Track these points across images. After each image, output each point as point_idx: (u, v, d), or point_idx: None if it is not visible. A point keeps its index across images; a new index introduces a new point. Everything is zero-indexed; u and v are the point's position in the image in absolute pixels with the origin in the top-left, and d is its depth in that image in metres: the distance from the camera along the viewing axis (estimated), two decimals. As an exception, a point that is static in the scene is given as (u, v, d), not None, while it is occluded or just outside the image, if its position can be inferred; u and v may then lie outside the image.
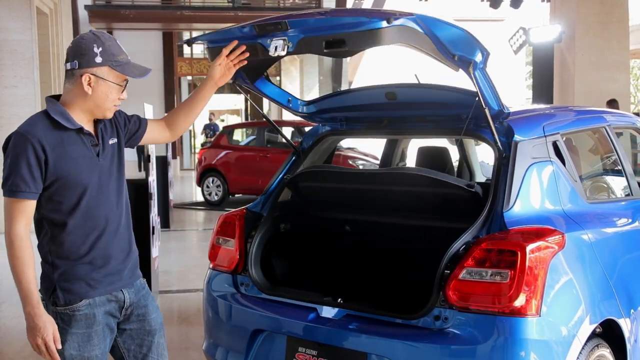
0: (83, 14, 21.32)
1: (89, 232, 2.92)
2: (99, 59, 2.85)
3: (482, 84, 3.30)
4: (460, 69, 3.27)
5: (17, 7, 12.31)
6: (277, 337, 3.68)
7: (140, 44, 28.87)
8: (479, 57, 3.18)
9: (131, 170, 23.91)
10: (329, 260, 4.33)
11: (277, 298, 3.80)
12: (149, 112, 7.34)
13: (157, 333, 3.19)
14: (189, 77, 33.05)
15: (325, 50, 3.21)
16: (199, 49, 34.71)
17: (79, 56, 2.86)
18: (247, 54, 3.27)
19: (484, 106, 3.34)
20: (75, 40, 2.93)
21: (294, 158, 4.40)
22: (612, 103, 13.36)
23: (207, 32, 3.97)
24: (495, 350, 3.01)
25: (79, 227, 2.89)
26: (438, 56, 3.21)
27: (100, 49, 2.85)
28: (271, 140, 16.28)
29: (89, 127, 2.95)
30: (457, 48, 3.14)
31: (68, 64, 2.90)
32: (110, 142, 3.02)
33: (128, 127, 3.14)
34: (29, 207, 2.80)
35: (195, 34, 32.97)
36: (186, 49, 33.14)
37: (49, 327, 2.80)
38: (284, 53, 3.29)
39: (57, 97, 3.01)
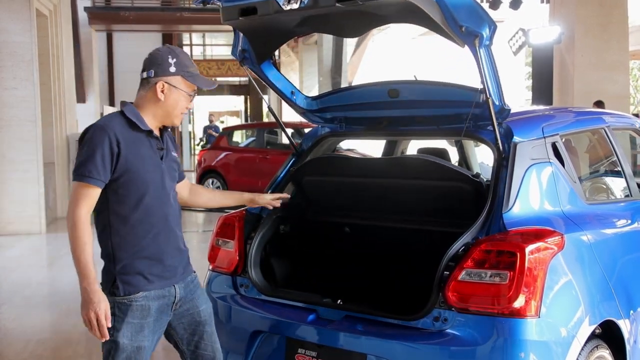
0: (83, 15, 21.30)
1: (149, 228, 3.11)
2: (172, 69, 3.14)
3: (487, 64, 3.29)
4: (465, 45, 3.27)
5: (17, 9, 12.31)
6: (276, 339, 3.68)
7: (140, 46, 28.82)
8: (486, 31, 3.18)
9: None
10: (328, 261, 4.33)
11: (277, 299, 3.80)
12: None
13: (207, 323, 3.38)
14: (189, 79, 33.01)
15: (337, 5, 3.22)
16: (198, 51, 34.76)
17: (155, 66, 3.16)
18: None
19: (487, 96, 3.32)
20: (152, 52, 3.23)
21: (293, 159, 4.40)
22: (599, 104, 13.37)
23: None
24: (494, 351, 3.02)
25: (141, 222, 3.09)
26: (445, 27, 3.21)
27: (175, 60, 3.15)
28: (271, 141, 16.28)
29: (157, 132, 3.20)
30: (465, 19, 3.15)
31: (144, 73, 3.20)
32: (173, 153, 3.30)
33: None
34: (94, 193, 3.00)
35: (194, 35, 33.04)
36: (186, 51, 33.15)
37: (102, 304, 3.00)
38: (296, 5, 3.33)
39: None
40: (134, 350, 3.10)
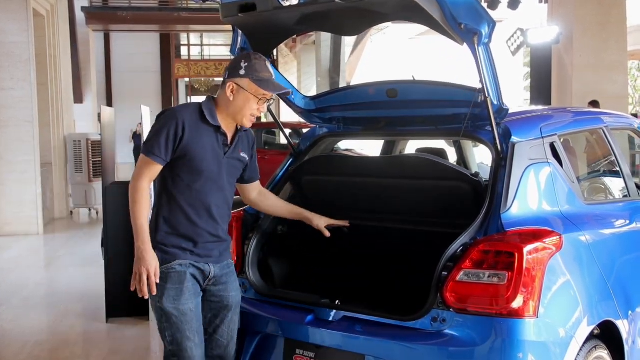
0: (80, 15, 21.30)
1: (191, 212, 3.42)
2: (242, 72, 3.39)
3: (485, 62, 3.28)
4: (464, 43, 3.27)
5: (14, 9, 12.30)
6: (274, 339, 3.67)
7: (138, 46, 28.96)
8: (485, 29, 3.17)
9: (128, 173, 23.94)
10: (326, 262, 4.32)
11: (275, 300, 3.79)
12: (146, 113, 7.32)
13: (232, 310, 3.57)
14: (186, 79, 33.06)
15: (336, 1, 3.23)
16: (196, 51, 34.76)
17: (230, 69, 3.45)
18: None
19: (486, 95, 3.32)
20: (232, 58, 3.56)
21: (291, 160, 4.39)
22: (594, 104, 13.39)
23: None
24: (492, 352, 3.01)
25: (186, 205, 3.42)
26: (444, 25, 3.20)
27: (246, 64, 3.39)
28: (268, 142, 16.29)
29: (228, 130, 3.49)
30: (464, 16, 3.14)
31: (225, 76, 3.48)
32: (242, 154, 3.57)
33: (251, 161, 3.68)
34: (155, 169, 3.38)
35: (192, 35, 33.05)
36: (183, 51, 33.16)
37: (153, 262, 3.29)
38: (295, 2, 3.38)
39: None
40: (180, 314, 3.37)
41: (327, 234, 3.90)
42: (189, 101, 33.61)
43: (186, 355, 3.39)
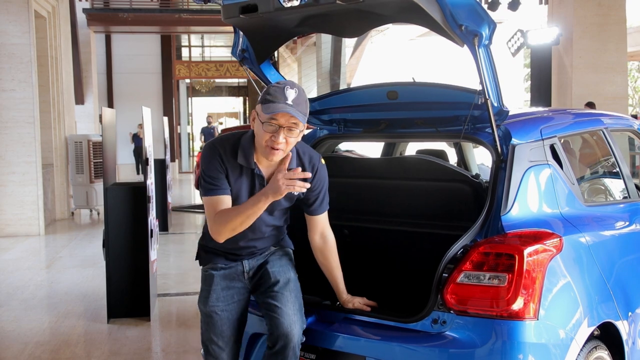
0: (81, 17, 21.29)
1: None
2: (261, 98, 3.26)
3: (485, 64, 3.28)
4: (464, 44, 3.27)
5: (15, 11, 12.31)
6: None
7: (139, 47, 28.94)
8: (485, 31, 3.17)
9: (128, 174, 23.95)
10: None
11: None
12: (147, 114, 7.33)
13: (278, 284, 3.48)
14: (187, 80, 33.03)
15: (338, 2, 3.21)
16: (197, 52, 34.74)
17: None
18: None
19: (486, 97, 3.32)
20: None
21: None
22: (590, 106, 13.41)
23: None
24: (493, 354, 3.02)
25: None
26: (445, 27, 3.20)
27: (267, 89, 3.26)
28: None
29: (269, 167, 3.38)
30: (465, 18, 3.14)
31: None
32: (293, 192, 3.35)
33: (311, 195, 3.51)
34: (222, 201, 3.39)
35: (193, 37, 33.02)
36: (184, 53, 33.13)
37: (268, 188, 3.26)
38: (297, 3, 3.33)
39: None
40: (206, 315, 3.52)
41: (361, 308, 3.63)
42: (189, 102, 33.62)
43: (209, 356, 3.53)
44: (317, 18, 3.67)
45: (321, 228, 3.61)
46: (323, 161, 3.56)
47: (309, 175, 3.26)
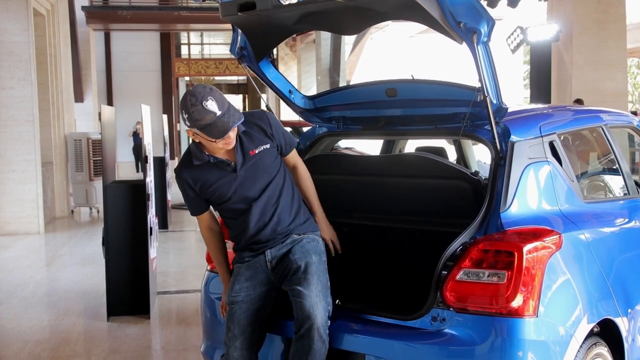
0: (80, 15, 21.28)
1: (238, 226, 3.65)
2: (188, 124, 3.36)
3: (484, 61, 3.28)
4: (463, 42, 3.26)
5: (14, 9, 12.30)
6: (275, 339, 3.67)
7: (138, 45, 28.95)
8: (484, 28, 3.17)
9: (128, 171, 23.94)
10: (327, 261, 4.33)
11: None
12: (146, 112, 7.33)
13: (299, 270, 3.52)
14: (187, 78, 33.04)
15: (336, 0, 3.21)
16: (196, 50, 34.74)
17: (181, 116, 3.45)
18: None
19: (485, 94, 3.32)
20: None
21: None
22: (579, 102, 13.40)
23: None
24: (492, 351, 3.01)
25: (231, 224, 3.73)
26: (444, 24, 3.20)
27: (186, 115, 3.34)
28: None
29: (221, 153, 3.52)
30: (463, 15, 3.14)
31: None
32: (258, 149, 3.56)
33: (278, 141, 3.66)
34: (204, 219, 3.83)
35: (192, 34, 33.02)
36: (183, 50, 33.12)
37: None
38: (295, 0, 3.36)
39: None
40: (229, 303, 3.62)
41: (331, 247, 3.85)
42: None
43: (225, 342, 3.60)
44: (316, 15, 3.67)
45: (292, 162, 3.80)
46: (266, 109, 3.76)
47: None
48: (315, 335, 3.32)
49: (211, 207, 3.74)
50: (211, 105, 3.30)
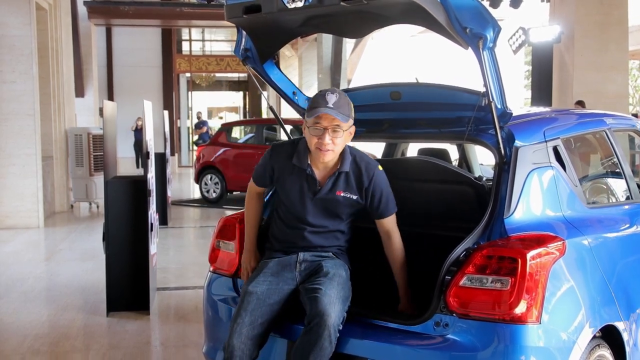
0: (82, 9, 21.24)
1: (282, 231, 3.80)
2: (307, 106, 3.59)
3: (490, 67, 3.27)
4: (469, 47, 3.26)
5: (16, 3, 12.29)
6: (277, 341, 3.65)
7: (139, 41, 28.93)
8: (490, 33, 3.17)
9: (128, 167, 23.94)
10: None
11: None
12: (148, 108, 7.33)
13: (327, 275, 3.59)
14: (188, 74, 33.01)
15: (342, 4, 3.20)
16: (197, 46, 34.70)
17: None
18: None
19: (490, 99, 3.32)
20: None
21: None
22: (580, 104, 13.41)
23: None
24: (495, 357, 3.01)
25: (279, 224, 3.83)
26: (450, 29, 3.19)
27: (311, 98, 3.58)
28: (270, 138, 16.27)
29: (323, 170, 3.66)
30: (469, 20, 3.13)
31: None
32: (342, 194, 3.65)
33: (371, 201, 3.70)
34: (254, 187, 3.94)
35: (194, 31, 32.98)
36: (185, 46, 33.09)
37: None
38: (301, 4, 3.33)
39: None
40: (246, 293, 3.61)
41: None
42: (189, 96, 33.60)
43: (230, 329, 3.55)
44: (321, 18, 3.66)
45: (385, 228, 3.74)
46: (380, 167, 3.70)
47: None
48: (324, 333, 3.31)
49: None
50: (330, 97, 3.49)
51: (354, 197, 3.65)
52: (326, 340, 3.30)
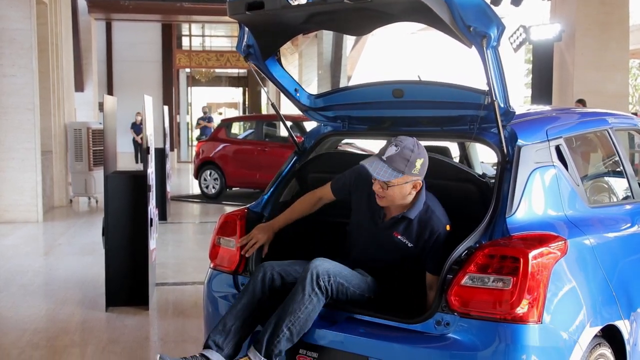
0: (82, 4, 21.22)
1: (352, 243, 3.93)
2: None
3: (493, 65, 3.27)
4: (473, 45, 3.25)
5: (17, -3, 12.27)
6: None
7: (139, 36, 28.90)
8: (494, 32, 3.16)
9: (127, 162, 23.92)
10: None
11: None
12: (148, 103, 7.32)
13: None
14: (187, 69, 32.99)
15: (345, 1, 3.18)
16: (197, 42, 34.67)
17: None
18: None
19: (493, 98, 3.31)
20: None
21: (295, 158, 4.39)
22: (581, 103, 13.43)
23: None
24: (496, 357, 3.01)
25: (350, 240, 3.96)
26: (453, 27, 3.18)
27: None
28: (269, 134, 16.26)
29: (394, 208, 3.68)
30: (473, 19, 3.12)
31: None
32: (399, 237, 3.69)
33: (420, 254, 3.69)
34: (326, 191, 4.02)
35: (194, 26, 32.95)
36: (185, 42, 33.08)
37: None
38: (304, 1, 3.32)
39: None
40: (255, 270, 3.73)
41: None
42: (189, 92, 33.58)
43: (231, 306, 3.65)
44: (324, 16, 3.65)
45: (428, 281, 3.66)
46: (448, 227, 3.63)
47: None
48: (307, 277, 3.44)
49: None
50: (390, 149, 3.52)
51: (408, 244, 3.67)
52: (309, 286, 3.42)
